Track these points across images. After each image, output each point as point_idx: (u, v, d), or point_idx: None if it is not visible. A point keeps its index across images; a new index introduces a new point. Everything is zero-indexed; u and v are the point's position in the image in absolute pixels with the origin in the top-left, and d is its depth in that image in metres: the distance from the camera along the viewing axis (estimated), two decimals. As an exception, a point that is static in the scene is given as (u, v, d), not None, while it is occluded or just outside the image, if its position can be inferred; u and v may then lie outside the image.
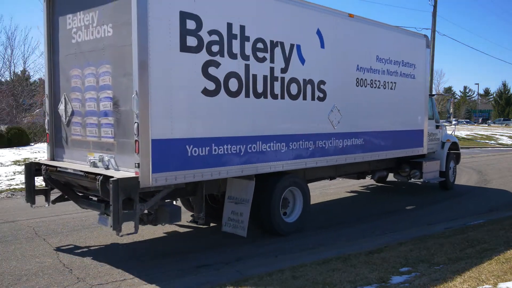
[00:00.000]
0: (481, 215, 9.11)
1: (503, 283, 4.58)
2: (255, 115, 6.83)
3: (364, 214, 9.12)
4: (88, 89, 6.38)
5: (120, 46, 5.85)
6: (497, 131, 44.47)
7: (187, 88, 5.98)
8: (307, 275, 5.36)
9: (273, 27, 7.02)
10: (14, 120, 28.78)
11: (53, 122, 7.12)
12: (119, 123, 5.95)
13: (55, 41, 6.94)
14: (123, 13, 5.67)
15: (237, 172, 6.62)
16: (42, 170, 6.95)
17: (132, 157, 5.68)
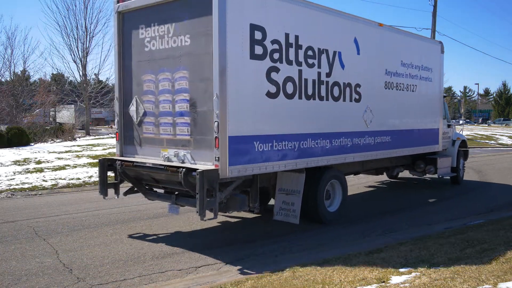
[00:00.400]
0: (481, 215, 9.12)
1: (503, 283, 4.58)
2: (306, 115, 7.68)
3: (364, 214, 9.12)
4: (162, 92, 7.11)
5: (198, 54, 6.61)
6: (497, 131, 44.47)
7: (254, 91, 6.80)
8: (307, 275, 5.36)
9: (320, 36, 7.90)
10: (14, 120, 28.79)
11: (123, 122, 7.83)
12: (196, 122, 6.70)
13: (125, 49, 7.69)
14: (200, 25, 6.51)
15: (293, 166, 7.44)
16: (117, 164, 7.56)
17: (209, 152, 6.44)
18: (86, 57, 32.67)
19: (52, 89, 35.92)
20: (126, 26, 7.65)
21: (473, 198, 11.19)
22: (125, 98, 7.78)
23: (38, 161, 16.13)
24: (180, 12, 6.80)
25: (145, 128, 7.47)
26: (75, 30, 32.07)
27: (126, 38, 7.67)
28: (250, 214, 8.74)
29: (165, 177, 6.92)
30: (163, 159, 7.06)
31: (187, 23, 6.71)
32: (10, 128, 22.58)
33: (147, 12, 7.29)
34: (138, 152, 7.63)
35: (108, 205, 10.02)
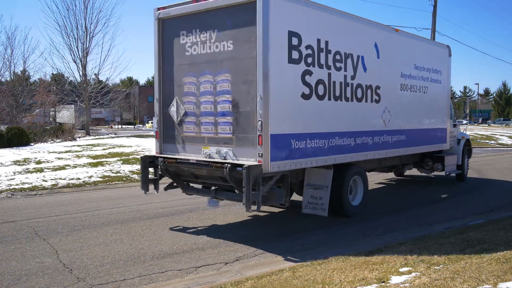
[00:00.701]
0: (481, 215, 9.11)
1: (503, 283, 4.58)
2: (334, 115, 8.27)
3: (364, 214, 9.11)
4: (204, 94, 7.61)
5: (241, 58, 7.11)
6: (497, 131, 44.48)
7: (291, 93, 7.35)
8: (307, 275, 5.36)
9: (346, 41, 8.50)
10: (14, 120, 28.79)
11: (162, 122, 8.30)
12: (238, 122, 7.21)
13: (164, 54, 8.19)
14: (244, 32, 7.04)
15: (323, 162, 8.00)
16: (160, 161, 8.04)
17: (252, 149, 6.99)
18: (86, 57, 32.70)
19: (52, 89, 35.93)
20: (166, 32, 8.15)
21: (473, 198, 11.19)
22: (164, 99, 8.25)
23: (38, 161, 16.13)
24: (222, 19, 7.30)
25: (186, 127, 7.96)
26: (75, 30, 32.13)
27: (166, 43, 8.16)
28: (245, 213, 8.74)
29: (207, 172, 7.48)
30: (204, 156, 7.59)
31: (230, 29, 7.23)
32: (10, 128, 22.58)
33: (188, 19, 7.80)
34: (178, 149, 8.12)
35: (108, 205, 10.03)
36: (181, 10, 7.83)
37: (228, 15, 7.22)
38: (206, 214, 9.03)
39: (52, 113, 42.74)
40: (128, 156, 18.03)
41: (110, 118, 76.50)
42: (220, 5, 7.30)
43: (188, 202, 10.40)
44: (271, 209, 9.37)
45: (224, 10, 7.28)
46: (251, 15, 6.82)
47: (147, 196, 11.18)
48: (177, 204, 10.17)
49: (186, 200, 10.67)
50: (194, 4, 7.62)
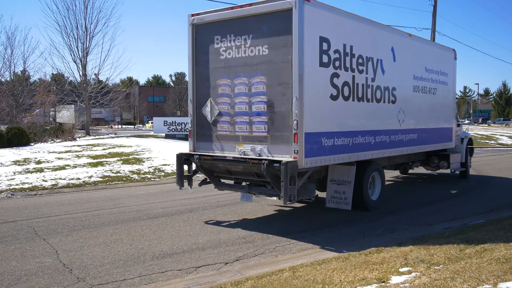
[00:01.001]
0: (481, 215, 9.11)
1: (503, 283, 4.58)
2: (357, 115, 8.88)
3: (364, 214, 9.12)
4: (238, 95, 8.08)
5: (276, 62, 7.61)
6: (497, 131, 44.49)
7: (321, 94, 7.91)
8: (307, 275, 5.36)
9: (367, 46, 9.08)
10: (14, 120, 28.79)
11: (196, 121, 8.75)
12: (273, 121, 7.69)
13: (198, 57, 8.62)
14: (280, 38, 7.54)
15: (347, 159, 8.60)
16: (196, 158, 8.51)
17: (287, 146, 7.48)
18: (86, 57, 32.69)
19: (52, 89, 35.90)
20: (200, 37, 8.58)
21: (473, 198, 11.19)
22: (198, 100, 8.71)
23: (38, 161, 16.13)
24: (258, 26, 7.78)
25: (220, 127, 8.41)
26: (75, 30, 32.13)
27: (200, 48, 8.60)
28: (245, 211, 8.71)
29: (243, 168, 7.99)
30: (239, 153, 8.07)
31: (265, 35, 7.71)
32: (10, 128, 22.58)
33: (222, 25, 8.27)
34: (212, 147, 8.57)
35: (108, 205, 10.03)
36: (215, 17, 8.31)
37: (264, 21, 7.71)
38: (206, 214, 9.03)
39: (52, 113, 42.73)
40: (128, 156, 18.03)
41: (110, 118, 76.52)
42: (255, 13, 7.79)
43: (188, 202, 10.41)
44: (268, 209, 9.37)
45: (259, 17, 7.77)
46: (287, 22, 7.36)
47: (147, 196, 11.20)
48: (177, 204, 10.18)
49: (185, 200, 10.68)
50: (230, 11, 8.14)
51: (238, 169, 8.13)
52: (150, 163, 16.51)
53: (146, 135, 30.74)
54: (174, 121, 26.70)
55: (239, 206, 9.88)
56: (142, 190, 12.20)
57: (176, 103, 68.93)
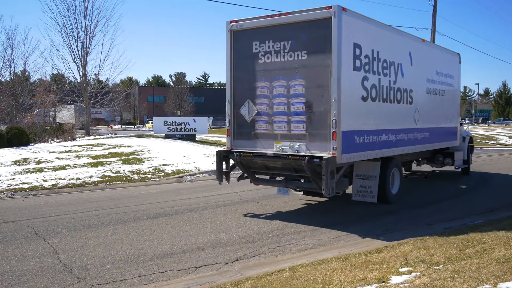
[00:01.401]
0: (481, 215, 9.11)
1: (503, 283, 4.58)
2: (382, 115, 9.63)
3: (364, 214, 9.12)
4: (277, 96, 8.71)
5: (314, 66, 8.26)
6: (497, 131, 44.47)
7: (354, 96, 8.61)
8: (307, 275, 5.36)
9: (390, 51, 9.85)
10: (14, 120, 28.78)
11: (233, 121, 9.33)
12: (311, 120, 8.33)
13: (236, 61, 9.23)
14: (318, 44, 8.20)
15: (374, 155, 9.31)
16: (235, 155, 9.11)
17: (325, 143, 8.15)
18: (86, 57, 32.67)
19: (52, 89, 35.88)
20: (239, 42, 9.19)
21: (473, 198, 11.19)
22: (236, 101, 9.28)
23: (38, 161, 16.13)
24: (297, 32, 8.39)
25: (258, 125, 9.00)
26: (75, 30, 32.09)
27: (238, 52, 9.21)
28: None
29: (282, 164, 8.64)
30: (277, 150, 8.67)
31: (304, 41, 8.32)
32: (10, 128, 22.57)
33: (260, 31, 8.87)
34: (249, 145, 9.14)
35: (108, 205, 10.03)
36: (254, 24, 8.92)
37: (302, 29, 8.35)
38: (206, 214, 9.04)
39: (52, 113, 42.71)
40: (128, 156, 18.03)
41: (110, 118, 76.52)
42: (294, 21, 8.43)
43: (188, 202, 10.41)
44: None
45: (298, 25, 8.40)
46: (325, 30, 8.01)
47: (147, 196, 11.21)
48: (177, 204, 10.18)
49: (185, 200, 10.69)
50: (269, 19, 8.76)
51: (276, 164, 8.76)
52: (150, 163, 16.51)
53: (146, 135, 30.73)
54: (174, 121, 26.65)
55: (239, 206, 9.89)
56: (142, 190, 12.20)
57: (176, 103, 68.87)
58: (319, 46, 8.19)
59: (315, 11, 8.18)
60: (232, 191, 11.99)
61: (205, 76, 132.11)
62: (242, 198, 10.91)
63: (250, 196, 11.10)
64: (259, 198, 10.82)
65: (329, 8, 7.99)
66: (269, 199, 10.74)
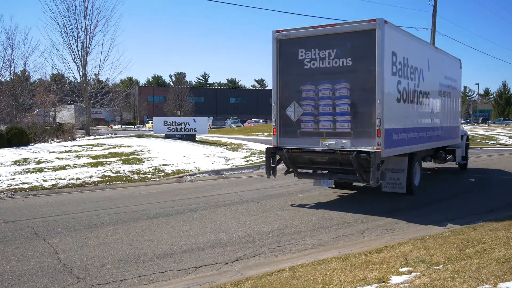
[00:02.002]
0: (481, 215, 9.11)
1: (503, 283, 4.58)
2: (409, 115, 10.79)
3: (364, 214, 9.12)
4: (322, 98, 9.66)
5: (359, 71, 9.27)
6: (497, 131, 44.43)
7: (392, 98, 9.71)
8: (307, 275, 5.36)
9: (415, 57, 10.98)
10: (14, 120, 28.76)
11: (279, 120, 10.22)
12: (356, 119, 9.33)
13: (281, 67, 10.11)
14: (362, 51, 9.22)
15: (404, 151, 10.46)
16: (284, 151, 10.02)
17: (368, 140, 9.17)
18: (86, 57, 32.64)
19: (52, 89, 35.85)
20: (284, 50, 10.07)
21: (473, 198, 11.19)
22: (281, 103, 10.17)
23: (38, 161, 16.12)
24: (342, 42, 9.38)
25: (304, 125, 9.92)
26: (75, 30, 32.04)
27: (283, 58, 10.09)
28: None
29: (328, 159, 9.59)
30: (322, 146, 9.62)
31: (349, 49, 9.32)
32: (10, 128, 22.55)
33: (306, 40, 9.81)
34: (294, 142, 10.06)
35: (108, 205, 10.03)
36: (300, 34, 9.86)
37: (347, 38, 9.33)
38: (206, 214, 9.04)
39: (52, 113, 42.68)
40: (128, 156, 18.03)
41: (110, 118, 76.51)
42: (340, 31, 9.41)
43: (188, 202, 10.41)
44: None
45: (343, 35, 9.38)
46: (369, 40, 9.04)
47: (147, 196, 11.21)
48: (177, 204, 10.18)
49: (185, 200, 10.69)
50: (315, 29, 9.69)
51: (323, 159, 9.70)
52: (150, 163, 16.51)
53: (146, 135, 30.72)
54: (174, 121, 26.62)
55: (239, 206, 9.89)
56: (142, 190, 12.20)
57: (176, 103, 68.87)
58: (363, 53, 9.19)
59: (360, 23, 9.21)
60: (232, 191, 12.00)
61: (205, 76, 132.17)
62: (242, 198, 10.91)
63: (250, 196, 11.11)
64: (259, 198, 10.82)
65: (373, 21, 9.00)
66: (268, 199, 10.75)
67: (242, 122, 70.25)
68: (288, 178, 14.57)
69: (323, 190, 11.99)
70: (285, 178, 12.65)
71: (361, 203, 10.43)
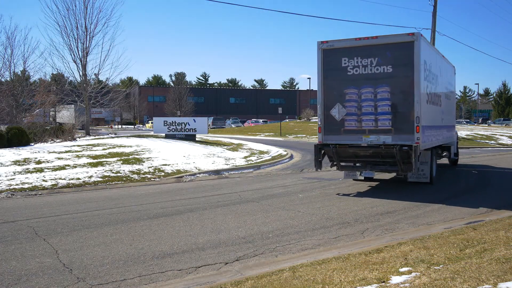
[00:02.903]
0: (481, 215, 9.11)
1: (503, 283, 4.58)
2: (432, 114, 12.43)
3: (364, 214, 9.12)
4: (365, 100, 11.21)
5: (399, 77, 10.90)
6: (497, 131, 44.41)
7: (423, 99, 11.21)
8: (307, 275, 5.36)
9: (434, 65, 12.72)
10: (14, 120, 28.75)
11: (324, 120, 11.71)
12: (396, 118, 10.95)
13: (326, 73, 11.64)
14: (402, 60, 10.86)
15: (429, 145, 12.16)
16: (331, 147, 11.51)
17: (407, 135, 10.80)
18: (86, 57, 32.63)
19: (52, 89, 35.84)
20: (328, 58, 11.57)
21: (473, 198, 11.19)
22: (326, 104, 11.68)
23: (38, 161, 16.12)
24: (383, 51, 10.98)
25: (347, 123, 11.45)
26: (75, 30, 32.03)
27: (327, 66, 11.60)
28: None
29: (371, 152, 11.15)
30: (365, 142, 11.17)
31: (389, 58, 10.93)
32: (10, 128, 22.54)
33: (349, 49, 11.32)
34: (337, 139, 11.56)
35: (108, 205, 10.03)
36: (344, 44, 11.44)
37: (387, 49, 10.96)
38: (206, 214, 9.04)
39: (52, 113, 42.65)
40: (128, 156, 18.02)
41: (110, 118, 76.47)
42: (381, 43, 11.03)
43: (188, 202, 10.41)
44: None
45: (384, 46, 11.00)
46: (408, 50, 10.72)
47: (147, 196, 11.22)
48: (177, 204, 10.18)
49: (185, 200, 10.69)
50: (357, 41, 11.24)
51: (366, 153, 11.21)
52: (150, 163, 16.51)
53: (146, 135, 30.72)
54: (174, 121, 26.62)
55: (239, 206, 9.89)
56: (142, 190, 12.20)
57: (176, 103, 68.84)
58: (402, 62, 10.81)
59: (400, 36, 10.90)
60: (232, 191, 12.00)
61: (205, 76, 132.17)
62: (242, 198, 10.91)
63: (250, 196, 11.11)
64: (259, 198, 10.82)
65: (411, 35, 10.69)
66: (268, 199, 10.75)
67: (242, 122, 70.27)
68: (288, 178, 14.58)
69: (323, 190, 11.99)
70: (285, 178, 12.65)
71: (362, 203, 10.42)
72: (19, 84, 31.88)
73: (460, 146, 27.94)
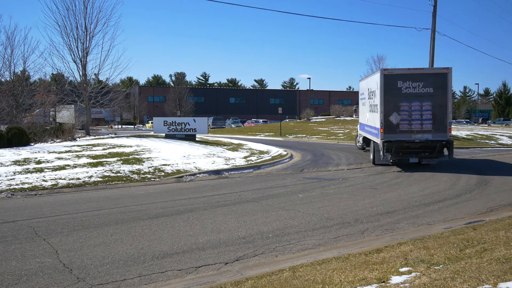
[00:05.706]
0: (481, 215, 9.11)
1: (503, 283, 4.58)
2: None
3: (364, 214, 9.12)
4: (414, 111, 16.08)
5: (437, 96, 15.98)
6: (497, 131, 44.39)
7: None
8: (307, 275, 5.36)
9: None
10: (14, 120, 28.75)
11: (384, 123, 16.19)
12: (435, 122, 16.00)
13: (385, 90, 16.16)
14: (439, 84, 16.01)
15: None
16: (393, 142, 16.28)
17: (442, 134, 15.97)
18: (86, 57, 32.60)
19: (52, 89, 35.84)
20: (388, 80, 16.19)
21: (473, 198, 11.19)
22: (385, 112, 16.18)
23: (38, 161, 16.12)
24: (427, 78, 16.04)
25: (401, 126, 16.16)
26: (75, 30, 32.00)
27: (387, 86, 16.17)
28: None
29: (419, 146, 16.10)
30: (415, 138, 15.99)
31: (431, 82, 16.00)
32: (10, 128, 22.54)
33: (404, 75, 16.16)
34: (393, 137, 16.10)
35: (108, 205, 10.03)
36: (400, 72, 16.36)
37: (430, 76, 16.08)
38: (206, 214, 9.04)
39: (52, 113, 42.67)
40: (128, 156, 18.02)
41: (110, 118, 76.46)
42: (425, 72, 16.23)
43: (188, 202, 10.41)
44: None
45: (427, 74, 16.14)
46: (443, 78, 16.00)
47: (147, 196, 11.23)
48: (177, 204, 10.18)
49: (185, 200, 10.68)
50: (409, 70, 16.30)
51: (416, 146, 16.09)
52: (150, 163, 16.51)
53: (146, 135, 30.72)
54: (174, 121, 26.60)
55: (239, 206, 9.90)
56: (142, 190, 12.20)
57: (176, 103, 68.82)
58: (439, 85, 15.95)
59: (438, 69, 16.43)
60: (232, 191, 12.00)
61: (205, 76, 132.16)
62: (242, 198, 10.92)
63: (250, 196, 11.11)
64: (259, 198, 10.82)
65: (446, 68, 16.03)
66: (268, 199, 10.75)
67: (242, 122, 70.24)
68: (288, 178, 14.57)
69: (323, 190, 11.99)
70: (285, 178, 12.62)
71: (362, 203, 10.44)
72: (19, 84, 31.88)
73: (460, 146, 27.97)
